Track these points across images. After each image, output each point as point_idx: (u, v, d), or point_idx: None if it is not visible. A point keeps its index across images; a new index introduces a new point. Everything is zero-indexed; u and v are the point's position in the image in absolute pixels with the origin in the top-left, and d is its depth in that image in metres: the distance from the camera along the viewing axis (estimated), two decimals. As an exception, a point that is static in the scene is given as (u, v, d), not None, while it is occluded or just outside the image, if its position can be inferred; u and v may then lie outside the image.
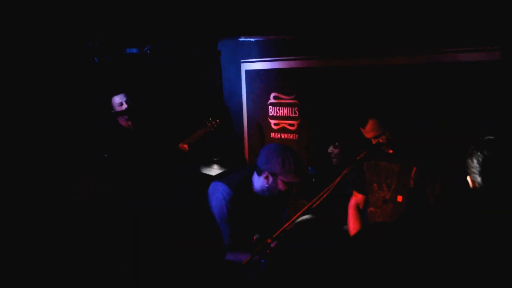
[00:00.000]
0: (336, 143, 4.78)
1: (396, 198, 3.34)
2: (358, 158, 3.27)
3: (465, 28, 4.17)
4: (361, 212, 3.68)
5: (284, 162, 3.41)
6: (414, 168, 3.28)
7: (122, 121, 5.09)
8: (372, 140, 3.34)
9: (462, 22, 4.15)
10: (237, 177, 3.68)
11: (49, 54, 5.20)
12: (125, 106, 5.05)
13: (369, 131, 3.30)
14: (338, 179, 3.08)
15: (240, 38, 6.03)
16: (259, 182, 3.54)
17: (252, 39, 6.05)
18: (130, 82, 5.35)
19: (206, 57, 6.38)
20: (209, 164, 4.87)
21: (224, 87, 6.53)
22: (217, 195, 3.56)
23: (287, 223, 2.98)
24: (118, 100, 5.08)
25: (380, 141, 3.28)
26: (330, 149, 4.83)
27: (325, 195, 3.03)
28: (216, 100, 6.47)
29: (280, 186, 3.47)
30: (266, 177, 3.48)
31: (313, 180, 4.77)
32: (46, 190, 4.85)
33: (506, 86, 4.02)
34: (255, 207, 3.61)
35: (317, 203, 3.02)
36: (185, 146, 5.07)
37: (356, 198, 3.74)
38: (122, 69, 5.80)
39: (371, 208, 3.56)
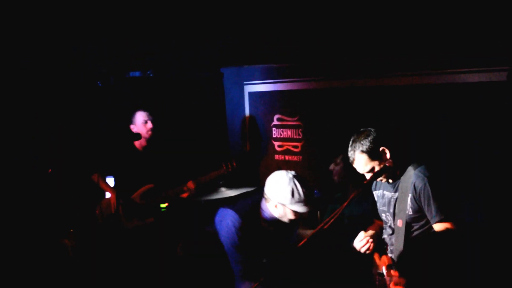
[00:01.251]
0: (337, 160, 4.70)
1: (397, 222, 3.31)
2: (365, 182, 3.24)
3: (472, 49, 4.16)
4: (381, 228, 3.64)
5: (293, 192, 3.33)
6: (410, 195, 3.24)
7: (137, 143, 5.03)
8: (365, 175, 3.31)
9: (468, 43, 4.14)
10: (245, 204, 3.61)
11: (56, 77, 5.23)
12: (150, 125, 4.98)
13: (359, 166, 3.28)
14: (345, 203, 3.05)
15: (243, 66, 6.06)
16: (268, 210, 3.48)
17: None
18: (133, 105, 5.33)
19: (208, 80, 6.38)
20: (215, 189, 4.82)
21: (227, 109, 6.51)
22: (227, 222, 3.48)
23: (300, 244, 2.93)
24: (143, 118, 5.00)
25: (387, 164, 3.25)
26: (331, 166, 4.76)
27: (332, 220, 2.99)
28: (220, 122, 6.46)
29: (290, 215, 3.41)
30: (276, 206, 3.42)
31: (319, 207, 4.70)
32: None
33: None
34: (264, 233, 3.56)
35: (325, 227, 2.98)
36: (193, 184, 4.98)
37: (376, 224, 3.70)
38: (125, 91, 5.81)
39: (384, 236, 3.52)
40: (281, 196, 3.35)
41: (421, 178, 3.19)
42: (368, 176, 3.28)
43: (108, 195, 5.00)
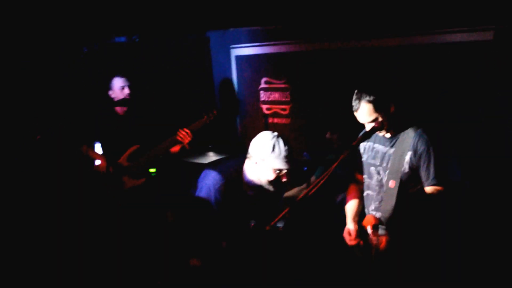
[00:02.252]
0: (333, 128, 4.76)
1: (389, 183, 3.34)
2: (353, 143, 3.26)
3: (458, 8, 4.15)
4: (361, 193, 3.67)
5: (274, 147, 3.39)
6: (409, 153, 3.28)
7: (118, 108, 5.01)
8: (366, 124, 3.33)
9: (455, 2, 4.13)
10: (230, 164, 3.65)
11: (38, 44, 5.15)
12: (127, 90, 4.94)
13: (362, 115, 3.29)
14: (334, 165, 3.08)
15: (229, 29, 6.01)
16: (249, 169, 3.51)
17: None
18: (118, 71, 5.28)
19: (195, 44, 6.33)
20: (204, 152, 4.82)
21: (214, 74, 6.49)
22: (207, 182, 3.52)
23: (284, 211, 2.96)
24: (120, 84, 4.95)
25: (375, 125, 3.28)
26: (328, 135, 4.81)
27: (322, 182, 3.02)
28: (207, 86, 6.44)
29: (269, 172, 3.43)
30: (256, 163, 3.45)
31: (305, 169, 4.73)
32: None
33: (499, 66, 4.01)
34: (248, 195, 3.58)
35: (313, 190, 3.01)
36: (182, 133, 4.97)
37: (356, 179, 3.73)
38: (111, 57, 5.75)
39: (369, 191, 3.56)
40: (262, 151, 3.40)
41: (425, 140, 3.23)
42: (368, 127, 3.31)
43: (98, 162, 5.00)
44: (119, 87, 4.95)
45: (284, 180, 3.48)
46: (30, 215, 4.60)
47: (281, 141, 3.41)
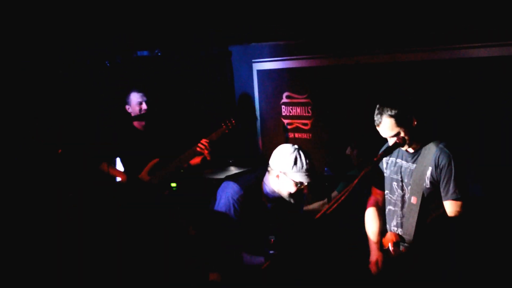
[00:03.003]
0: (353, 144, 4.73)
1: (411, 199, 3.30)
2: (375, 159, 3.23)
3: (482, 23, 4.11)
4: (381, 210, 3.63)
5: (295, 161, 3.37)
6: (430, 168, 3.24)
7: (136, 123, 5.03)
8: (388, 139, 3.30)
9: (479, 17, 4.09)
10: (250, 177, 3.64)
11: (60, 57, 5.20)
12: (144, 106, 4.96)
13: (384, 130, 3.26)
14: (356, 180, 3.04)
15: (251, 44, 6.03)
16: (269, 181, 3.50)
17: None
18: (141, 85, 5.31)
19: (217, 58, 6.36)
20: (225, 167, 4.81)
21: (236, 88, 6.50)
22: (226, 194, 3.51)
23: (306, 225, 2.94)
24: (137, 99, 4.97)
25: (397, 141, 3.25)
26: (348, 151, 4.78)
27: (343, 197, 2.99)
28: (229, 101, 6.45)
29: (290, 186, 3.42)
30: (277, 176, 3.44)
31: (326, 184, 4.69)
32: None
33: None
34: (267, 207, 3.57)
35: (335, 205, 2.98)
36: (201, 145, 4.96)
37: (375, 196, 3.69)
38: (133, 71, 5.79)
39: (390, 207, 3.52)
40: (283, 164, 3.39)
41: (447, 155, 3.20)
42: (391, 142, 3.28)
43: (119, 179, 5.02)
44: (136, 102, 4.97)
45: (305, 192, 3.47)
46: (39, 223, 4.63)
47: (302, 154, 3.40)
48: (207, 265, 3.41)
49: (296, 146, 3.45)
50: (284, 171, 3.40)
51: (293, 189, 3.43)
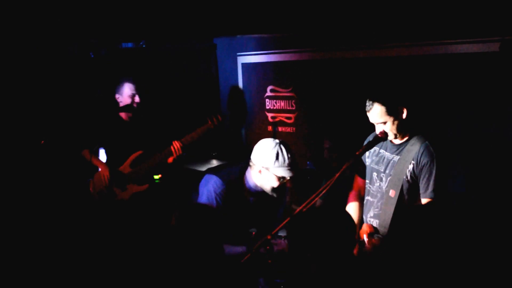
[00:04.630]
0: (330, 142, 4.75)
1: (389, 191, 3.34)
2: (357, 153, 3.26)
3: (465, 19, 4.14)
4: (362, 200, 3.66)
5: (277, 156, 3.38)
6: (412, 162, 3.28)
7: (123, 114, 5.01)
8: (376, 126, 3.34)
9: (463, 13, 4.12)
10: (232, 170, 3.64)
11: (44, 49, 5.17)
12: (137, 99, 4.92)
13: (373, 116, 3.30)
14: (337, 174, 3.07)
15: (236, 37, 6.02)
16: (252, 175, 3.51)
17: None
18: (126, 76, 5.29)
19: (201, 51, 6.35)
20: (207, 159, 4.82)
21: (221, 81, 6.50)
22: (208, 187, 3.52)
23: (286, 220, 2.94)
24: (131, 91, 4.92)
25: (379, 135, 3.28)
26: (326, 144, 4.79)
27: (324, 191, 3.02)
28: (213, 94, 6.45)
29: (273, 180, 3.43)
30: (259, 171, 3.45)
31: (308, 178, 4.71)
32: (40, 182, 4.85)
33: (505, 77, 4.00)
34: (249, 202, 3.58)
35: (316, 199, 3.00)
36: (179, 143, 4.94)
37: (358, 184, 3.73)
38: (118, 63, 5.77)
39: (368, 197, 3.55)
40: (265, 159, 3.39)
41: (430, 153, 3.24)
42: (379, 128, 3.31)
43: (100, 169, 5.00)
44: (129, 94, 4.92)
45: (288, 186, 3.49)
46: (28, 217, 4.61)
47: (284, 149, 3.40)
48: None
49: (277, 141, 3.46)
50: (266, 166, 3.41)
51: (275, 184, 3.44)
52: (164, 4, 5.19)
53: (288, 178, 3.43)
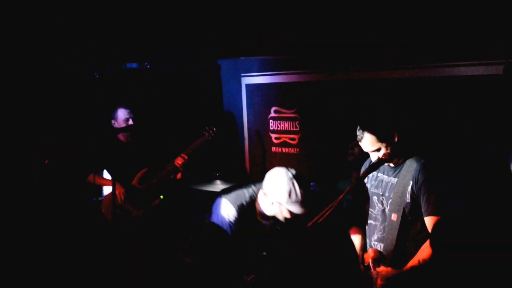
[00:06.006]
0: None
1: (391, 215, 3.32)
2: (361, 175, 3.26)
3: (468, 42, 4.15)
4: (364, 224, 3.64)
5: (290, 193, 3.30)
6: (411, 182, 3.26)
7: (121, 136, 5.06)
8: (370, 154, 3.33)
9: (467, 36, 4.13)
10: (243, 196, 3.57)
11: (47, 68, 5.19)
12: (131, 122, 5.01)
13: (365, 145, 3.29)
14: (341, 196, 3.06)
15: (240, 58, 6.05)
16: (265, 205, 3.46)
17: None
18: (130, 96, 5.32)
19: (206, 72, 6.37)
20: (211, 180, 4.81)
21: (224, 101, 6.51)
22: (223, 216, 3.48)
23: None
24: (124, 116, 5.04)
25: (383, 157, 3.28)
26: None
27: (328, 213, 3.01)
28: (217, 113, 6.45)
29: (286, 214, 3.39)
30: (272, 203, 3.41)
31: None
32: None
33: (509, 100, 4.00)
34: (260, 228, 3.55)
35: (320, 220, 3.00)
36: (180, 159, 4.99)
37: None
38: (122, 83, 5.79)
39: (371, 221, 3.53)
40: (278, 194, 3.33)
41: (427, 171, 3.24)
42: (373, 156, 3.30)
43: (107, 189, 5.02)
44: (123, 119, 5.03)
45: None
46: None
47: (297, 185, 3.31)
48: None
49: (290, 175, 3.35)
50: (279, 201, 3.35)
51: (288, 216, 3.39)
52: (169, 26, 5.23)
53: (301, 213, 3.38)
